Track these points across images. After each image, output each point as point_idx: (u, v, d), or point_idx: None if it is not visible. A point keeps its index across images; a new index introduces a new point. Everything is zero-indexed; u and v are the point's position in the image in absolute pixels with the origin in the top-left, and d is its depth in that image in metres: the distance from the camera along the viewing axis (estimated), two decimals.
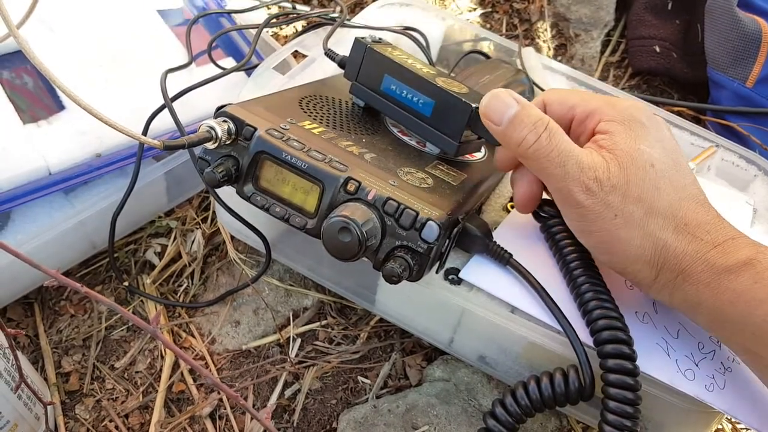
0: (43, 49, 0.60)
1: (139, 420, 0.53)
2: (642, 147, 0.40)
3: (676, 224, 0.40)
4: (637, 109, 0.42)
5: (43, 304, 0.59)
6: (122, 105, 0.60)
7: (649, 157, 0.40)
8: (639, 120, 0.42)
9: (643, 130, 0.41)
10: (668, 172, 0.41)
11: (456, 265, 0.49)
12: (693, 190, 0.42)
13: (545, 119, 0.41)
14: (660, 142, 0.41)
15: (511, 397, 0.44)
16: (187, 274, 0.62)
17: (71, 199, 0.57)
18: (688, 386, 0.43)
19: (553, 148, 0.40)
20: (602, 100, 0.43)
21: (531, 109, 0.41)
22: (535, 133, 0.40)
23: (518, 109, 0.41)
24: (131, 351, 0.57)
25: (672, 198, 0.40)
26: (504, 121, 0.41)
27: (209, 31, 0.71)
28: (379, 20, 0.67)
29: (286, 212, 0.44)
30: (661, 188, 0.40)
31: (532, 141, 0.40)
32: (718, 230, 0.40)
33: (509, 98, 0.42)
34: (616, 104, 0.43)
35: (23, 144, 0.54)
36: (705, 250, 0.39)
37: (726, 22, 0.74)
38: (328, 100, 0.53)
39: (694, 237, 0.40)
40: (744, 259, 0.38)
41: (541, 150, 0.40)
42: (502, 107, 0.42)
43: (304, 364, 0.56)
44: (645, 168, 0.40)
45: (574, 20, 0.87)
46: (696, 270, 0.39)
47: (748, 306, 0.37)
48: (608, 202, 0.39)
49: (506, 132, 0.41)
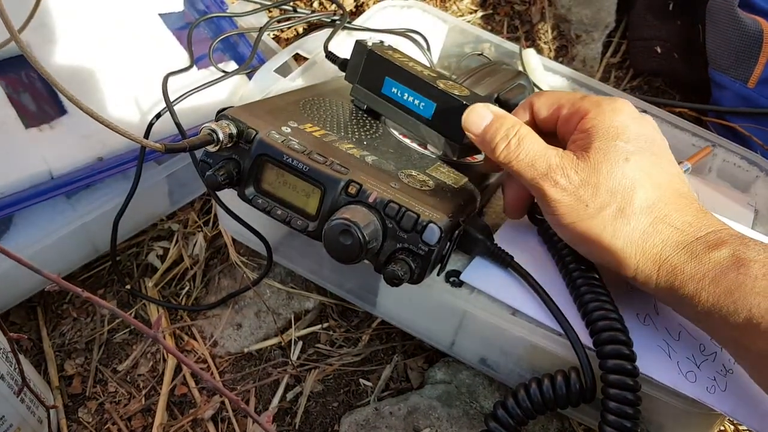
0: (45, 53, 0.60)
1: (141, 423, 0.53)
2: (617, 143, 0.42)
3: (655, 216, 0.41)
4: (619, 106, 0.43)
5: (46, 308, 0.59)
6: (124, 108, 0.60)
7: (624, 151, 0.41)
8: (619, 117, 0.43)
9: (622, 127, 0.42)
10: (646, 166, 0.41)
11: (457, 268, 0.49)
12: (675, 183, 0.42)
13: (516, 126, 0.43)
14: (639, 137, 0.42)
15: (513, 399, 0.44)
16: (189, 277, 0.62)
17: (73, 203, 0.57)
18: (689, 388, 0.43)
19: (521, 151, 0.43)
20: (588, 101, 0.44)
21: (504, 119, 0.44)
22: (505, 139, 0.43)
23: (491, 119, 0.45)
24: (133, 354, 0.57)
25: (650, 191, 0.41)
26: (480, 131, 0.45)
27: (210, 35, 0.71)
28: (380, 23, 0.67)
29: (287, 215, 0.45)
30: (637, 181, 0.41)
31: (503, 147, 0.43)
32: (701, 222, 0.41)
33: (485, 110, 0.45)
34: (600, 103, 0.44)
35: (25, 148, 0.54)
36: (687, 242, 0.40)
37: (727, 23, 0.74)
38: (329, 103, 0.53)
39: (675, 229, 0.40)
40: (730, 251, 0.39)
41: (511, 154, 0.43)
42: (478, 119, 0.45)
43: (306, 367, 0.56)
44: (618, 162, 0.41)
45: (575, 21, 0.87)
46: (679, 261, 0.40)
47: (734, 297, 0.38)
48: (579, 195, 0.41)
49: (482, 141, 0.45)
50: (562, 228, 0.43)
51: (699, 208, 0.42)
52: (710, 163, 0.62)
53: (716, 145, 0.61)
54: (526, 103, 0.47)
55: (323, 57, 0.59)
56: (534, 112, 0.47)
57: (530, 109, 0.47)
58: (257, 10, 0.72)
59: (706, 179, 0.61)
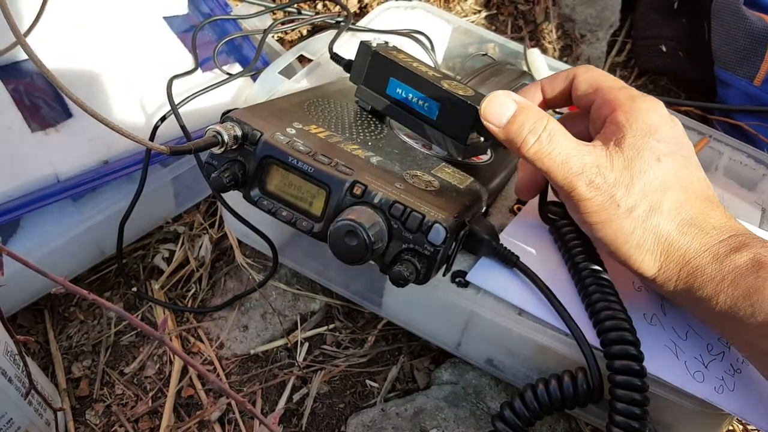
0: (51, 57, 0.60)
1: (148, 425, 0.53)
2: (650, 142, 0.41)
3: (681, 218, 0.40)
4: (653, 105, 0.43)
5: (53, 311, 0.59)
6: (129, 112, 0.60)
7: (657, 151, 0.41)
8: (652, 115, 0.42)
9: (654, 126, 0.42)
10: (676, 167, 0.41)
11: (463, 268, 0.49)
12: (702, 186, 0.42)
13: (544, 119, 0.41)
14: (671, 138, 0.42)
15: (520, 400, 0.44)
16: (195, 279, 0.62)
17: (79, 206, 0.57)
18: (697, 388, 0.42)
19: (554, 148, 0.40)
20: (624, 92, 0.43)
21: (529, 111, 0.42)
22: (534, 134, 0.41)
23: (516, 109, 0.42)
24: (140, 356, 0.57)
25: (678, 193, 0.41)
26: (503, 122, 0.42)
27: (215, 37, 0.71)
28: (384, 24, 0.67)
29: (292, 216, 0.45)
30: (667, 183, 0.41)
31: (532, 142, 0.41)
32: (725, 226, 0.41)
33: (507, 99, 0.42)
34: (635, 98, 0.43)
35: (32, 152, 0.55)
36: (710, 244, 0.40)
37: (733, 21, 0.74)
38: (333, 104, 0.53)
39: (699, 230, 0.40)
40: (751, 255, 0.38)
41: (543, 150, 0.41)
42: (500, 109, 0.42)
43: (312, 368, 0.56)
44: (650, 162, 0.40)
45: (580, 21, 0.87)
46: (701, 263, 0.40)
47: (752, 300, 0.37)
48: (612, 194, 0.40)
49: (506, 134, 0.42)
50: (590, 226, 0.42)
51: (723, 211, 0.42)
52: (717, 161, 0.61)
53: (723, 144, 0.61)
54: (569, 73, 0.46)
55: (328, 58, 0.59)
56: (574, 84, 0.45)
57: (571, 80, 0.46)
58: (261, 12, 0.72)
59: (713, 178, 0.61)
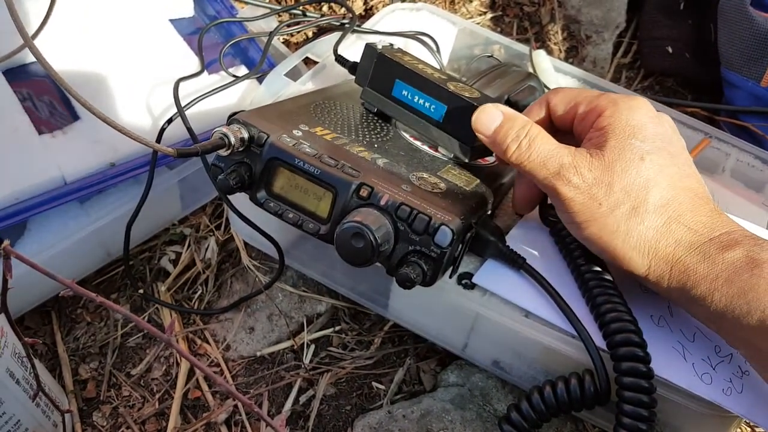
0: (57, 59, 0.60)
1: (155, 427, 0.53)
2: (633, 141, 0.41)
3: (669, 216, 0.40)
4: (636, 104, 0.43)
5: (60, 312, 0.60)
6: (135, 114, 0.60)
7: (640, 151, 0.41)
8: (635, 115, 0.42)
9: (638, 125, 0.42)
10: (662, 165, 0.41)
11: (469, 270, 0.49)
12: (691, 183, 0.42)
13: (526, 127, 0.43)
14: (656, 136, 0.42)
15: (527, 402, 0.44)
16: (202, 281, 0.62)
17: (86, 208, 0.57)
18: (705, 390, 0.42)
19: (533, 151, 0.42)
20: (605, 98, 0.44)
21: (514, 120, 0.44)
22: (516, 140, 0.43)
23: (502, 120, 0.44)
24: (147, 358, 0.57)
25: (665, 190, 0.41)
26: (490, 132, 0.45)
27: (221, 40, 0.71)
28: (390, 26, 0.67)
29: (299, 218, 0.45)
30: (652, 181, 0.41)
31: (514, 148, 0.43)
32: (715, 223, 0.40)
33: (495, 111, 0.45)
34: (617, 101, 0.43)
35: (39, 154, 0.55)
36: (700, 242, 0.40)
37: (739, 22, 0.73)
38: (339, 106, 0.53)
39: (689, 229, 0.40)
40: (743, 253, 0.38)
41: (523, 155, 0.43)
42: (488, 120, 0.45)
43: (318, 370, 0.56)
44: (633, 162, 0.41)
45: (585, 22, 0.87)
46: (691, 261, 0.40)
47: (747, 298, 0.37)
48: (593, 194, 0.41)
49: (493, 142, 0.45)
50: (575, 226, 0.42)
51: (713, 208, 0.41)
52: (723, 163, 0.61)
53: (730, 145, 0.61)
54: (542, 100, 0.47)
55: (333, 60, 0.59)
56: (550, 109, 0.46)
57: (546, 106, 0.46)
58: (267, 14, 0.72)
59: (720, 179, 0.61)
